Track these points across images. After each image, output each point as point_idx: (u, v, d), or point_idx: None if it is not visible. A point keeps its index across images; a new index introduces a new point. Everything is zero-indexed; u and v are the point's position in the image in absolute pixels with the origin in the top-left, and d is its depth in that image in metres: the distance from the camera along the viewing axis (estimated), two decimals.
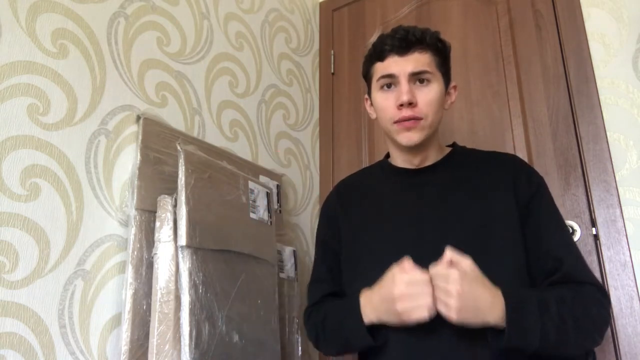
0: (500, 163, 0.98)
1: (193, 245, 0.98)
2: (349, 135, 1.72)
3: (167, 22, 1.24)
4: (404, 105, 0.92)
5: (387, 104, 0.96)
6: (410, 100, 0.92)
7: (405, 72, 0.93)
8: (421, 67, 0.93)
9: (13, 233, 0.84)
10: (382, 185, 1.04)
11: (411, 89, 0.93)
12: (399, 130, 0.95)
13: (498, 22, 1.52)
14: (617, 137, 1.26)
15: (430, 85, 0.94)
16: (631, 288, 1.15)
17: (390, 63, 0.95)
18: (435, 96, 0.94)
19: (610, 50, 1.32)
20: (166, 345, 0.92)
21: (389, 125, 0.96)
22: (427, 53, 0.95)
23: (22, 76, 0.90)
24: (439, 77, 0.96)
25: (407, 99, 0.92)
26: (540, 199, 0.93)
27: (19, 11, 0.91)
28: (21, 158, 0.88)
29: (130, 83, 1.11)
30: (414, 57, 0.94)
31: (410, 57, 0.94)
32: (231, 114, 1.39)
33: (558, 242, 0.89)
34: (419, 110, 0.93)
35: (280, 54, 1.65)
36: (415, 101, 0.93)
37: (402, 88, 0.93)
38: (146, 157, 1.05)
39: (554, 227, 0.91)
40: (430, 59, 0.95)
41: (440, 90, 0.95)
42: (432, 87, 0.94)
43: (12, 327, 0.82)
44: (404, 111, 0.93)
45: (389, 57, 0.95)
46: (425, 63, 0.94)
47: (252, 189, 1.21)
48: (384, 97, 0.97)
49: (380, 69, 0.97)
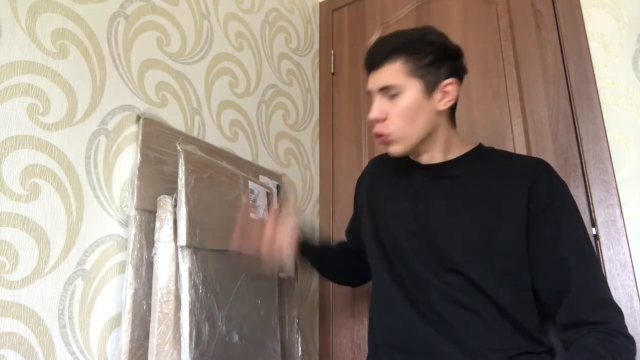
0: (522, 166, 0.95)
1: (193, 245, 0.98)
2: (349, 135, 1.72)
3: (167, 22, 1.24)
4: (372, 122, 0.95)
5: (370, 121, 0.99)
6: (376, 118, 0.94)
7: (376, 87, 0.95)
8: (385, 81, 0.93)
9: (13, 233, 0.84)
10: (399, 173, 1.06)
11: (381, 104, 0.94)
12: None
13: (498, 22, 1.52)
14: (617, 137, 1.26)
15: (399, 97, 0.93)
16: (631, 288, 1.15)
17: (369, 79, 0.98)
18: (403, 107, 0.93)
19: (610, 50, 1.32)
20: (166, 345, 0.92)
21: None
22: (396, 62, 0.93)
23: (22, 76, 0.90)
24: (411, 84, 0.93)
25: (373, 116, 0.94)
26: (561, 207, 0.89)
27: (19, 11, 0.91)
28: (21, 158, 0.88)
29: (130, 83, 1.11)
30: (383, 71, 0.94)
31: (381, 71, 0.95)
32: (231, 114, 1.39)
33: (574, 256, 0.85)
34: (386, 125, 0.94)
35: (280, 54, 1.65)
36: (384, 117, 0.94)
37: (373, 104, 0.95)
38: (146, 157, 1.05)
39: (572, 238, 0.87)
40: (399, 68, 0.93)
41: (412, 99, 0.92)
42: (401, 99, 0.93)
43: (12, 327, 0.82)
44: (376, 127, 0.96)
45: (369, 73, 0.98)
46: (391, 75, 0.93)
47: (252, 189, 1.21)
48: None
49: None
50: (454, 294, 0.88)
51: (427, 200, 0.97)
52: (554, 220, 0.88)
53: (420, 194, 0.99)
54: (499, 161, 0.98)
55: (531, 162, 0.97)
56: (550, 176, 0.93)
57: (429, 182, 0.99)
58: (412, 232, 0.95)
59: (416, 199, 0.99)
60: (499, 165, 0.97)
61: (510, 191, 0.91)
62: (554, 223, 0.88)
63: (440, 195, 0.96)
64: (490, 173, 0.96)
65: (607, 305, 0.82)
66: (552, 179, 0.92)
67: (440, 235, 0.92)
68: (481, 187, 0.94)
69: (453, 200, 0.95)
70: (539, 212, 0.89)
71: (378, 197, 1.07)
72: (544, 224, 0.88)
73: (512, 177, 0.93)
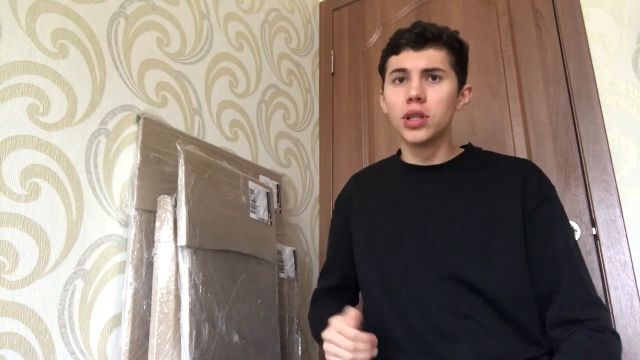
0: (511, 167, 0.97)
1: (193, 245, 0.98)
2: (349, 135, 1.72)
3: (167, 22, 1.24)
4: (412, 99, 0.92)
5: (397, 99, 0.95)
6: (418, 96, 0.91)
7: (418, 67, 0.92)
8: (434, 63, 0.93)
9: (13, 233, 0.84)
10: (392, 180, 1.05)
11: (422, 84, 0.92)
12: (405, 127, 0.94)
13: (498, 22, 1.52)
14: (617, 137, 1.26)
15: (441, 82, 0.93)
16: (631, 288, 1.15)
17: (404, 57, 0.95)
18: (445, 94, 0.93)
19: (610, 50, 1.32)
20: (166, 345, 0.92)
21: (397, 120, 0.96)
22: (442, 51, 0.94)
23: (22, 76, 0.90)
24: (452, 75, 0.95)
25: (416, 94, 0.91)
26: (550, 207, 0.91)
27: (19, 11, 0.91)
28: (21, 158, 0.88)
29: (130, 83, 1.11)
30: (428, 53, 0.93)
31: (425, 52, 0.93)
32: (231, 114, 1.39)
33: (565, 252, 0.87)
34: (427, 107, 0.92)
35: (280, 54, 1.65)
36: (425, 97, 0.92)
37: (412, 83, 0.92)
38: (146, 157, 1.05)
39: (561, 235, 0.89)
40: (444, 56, 0.94)
41: (452, 89, 0.95)
42: (443, 85, 0.93)
43: (12, 327, 0.82)
44: (412, 105, 0.92)
45: (404, 51, 0.95)
46: (439, 60, 0.93)
47: (252, 189, 1.21)
48: (395, 91, 0.96)
49: (394, 62, 0.97)
50: (454, 304, 0.87)
51: (424, 207, 0.96)
52: (544, 221, 0.90)
53: (416, 201, 0.98)
54: (489, 163, 0.99)
55: (520, 163, 0.99)
56: (539, 177, 0.95)
57: (424, 189, 0.99)
58: (410, 240, 0.94)
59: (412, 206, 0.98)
60: (491, 168, 0.98)
61: (504, 193, 0.93)
62: (544, 223, 0.90)
63: (437, 201, 0.96)
64: (483, 176, 0.96)
65: (594, 304, 0.84)
66: (541, 180, 0.94)
67: (440, 242, 0.91)
68: (476, 191, 0.95)
69: (449, 205, 0.94)
70: (531, 212, 0.90)
71: (370, 209, 1.05)
72: (535, 224, 0.90)
73: (505, 179, 0.94)
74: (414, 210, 0.97)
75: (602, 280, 1.19)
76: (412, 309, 0.90)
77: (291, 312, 1.30)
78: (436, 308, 0.88)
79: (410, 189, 1.00)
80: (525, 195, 0.91)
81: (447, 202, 0.95)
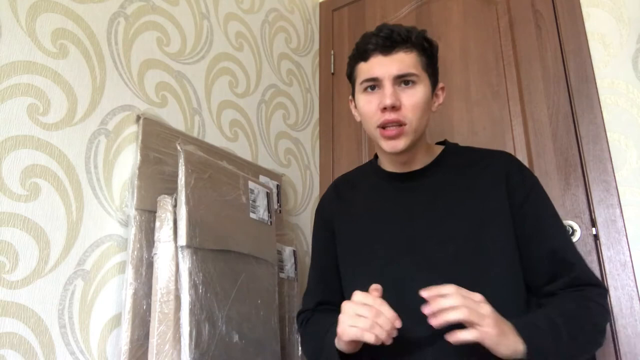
0: (492, 162, 0.95)
1: (193, 245, 0.98)
2: (349, 135, 1.72)
3: (167, 22, 1.24)
4: (387, 108, 0.88)
5: (370, 108, 0.92)
6: (393, 104, 0.87)
7: (390, 74, 0.89)
8: (406, 68, 0.89)
9: (13, 233, 0.84)
10: (374, 187, 1.02)
11: (395, 91, 0.89)
12: (382, 137, 0.91)
13: (498, 22, 1.52)
14: (617, 137, 1.26)
15: (415, 87, 0.90)
16: (631, 288, 1.15)
17: (374, 64, 0.91)
18: (420, 99, 0.90)
19: (610, 50, 1.32)
20: (166, 345, 0.92)
21: (373, 130, 0.93)
22: (412, 53, 0.90)
23: (22, 76, 0.90)
24: (424, 78, 0.92)
25: (391, 102, 0.87)
26: (536, 199, 0.91)
27: (19, 11, 0.91)
28: (21, 158, 0.88)
29: (130, 83, 1.11)
30: (399, 58, 0.89)
31: (395, 57, 0.89)
32: (231, 114, 1.39)
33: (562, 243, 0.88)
34: (403, 114, 0.89)
35: (280, 54, 1.65)
36: (399, 104, 0.88)
37: (385, 91, 0.89)
38: (146, 157, 1.05)
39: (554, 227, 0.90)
40: (415, 59, 0.91)
41: (426, 92, 0.91)
42: (418, 90, 0.90)
43: (12, 327, 0.82)
44: (387, 114, 0.88)
45: (373, 57, 0.91)
46: (411, 64, 0.90)
47: (252, 189, 1.21)
48: (367, 99, 0.92)
49: (364, 70, 0.93)
50: None
51: (410, 214, 0.94)
52: (533, 214, 0.90)
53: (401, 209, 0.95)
54: (469, 161, 0.97)
55: (499, 157, 0.97)
56: (520, 169, 0.94)
57: (408, 195, 0.96)
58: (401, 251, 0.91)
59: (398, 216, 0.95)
60: (472, 167, 0.96)
61: (489, 192, 0.91)
62: (533, 217, 0.89)
63: (422, 207, 0.93)
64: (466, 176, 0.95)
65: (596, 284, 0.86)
66: (523, 173, 0.94)
67: (430, 249, 0.89)
68: (461, 192, 0.93)
69: (436, 211, 0.92)
70: (519, 207, 0.90)
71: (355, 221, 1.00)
72: (524, 219, 0.89)
73: (487, 176, 0.93)
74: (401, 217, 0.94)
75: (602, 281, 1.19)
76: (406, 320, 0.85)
77: (291, 312, 1.30)
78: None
79: (393, 199, 0.97)
80: (510, 192, 0.90)
81: (434, 206, 0.93)
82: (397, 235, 0.93)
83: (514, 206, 0.90)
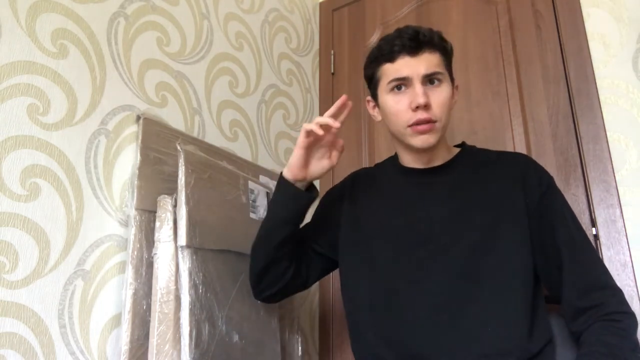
0: (510, 163, 0.98)
1: (193, 245, 0.98)
2: (349, 135, 1.72)
3: (167, 22, 1.24)
4: (419, 107, 0.90)
5: (400, 107, 0.93)
6: (426, 103, 0.90)
7: (419, 73, 0.91)
8: (433, 68, 0.92)
9: (13, 233, 0.84)
10: (393, 182, 1.04)
11: (424, 90, 0.92)
12: (414, 134, 0.93)
13: (498, 22, 1.52)
14: (617, 137, 1.26)
15: (441, 86, 0.93)
16: (631, 288, 1.15)
17: (401, 64, 0.93)
18: (446, 97, 0.93)
19: (610, 50, 1.32)
20: (166, 345, 0.92)
21: (402, 129, 0.94)
22: (436, 53, 0.94)
23: (22, 76, 0.90)
24: (447, 77, 0.95)
25: (424, 101, 0.89)
26: (554, 194, 0.93)
27: (19, 11, 0.91)
28: (21, 158, 0.88)
29: (130, 83, 1.11)
30: (425, 58, 0.92)
31: (422, 57, 0.92)
32: (231, 114, 1.39)
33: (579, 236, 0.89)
34: (433, 112, 0.91)
35: (280, 54, 1.65)
36: (430, 103, 0.91)
37: (416, 90, 0.91)
38: (146, 157, 1.05)
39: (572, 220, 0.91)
40: (439, 59, 0.94)
41: (450, 91, 0.95)
42: (443, 88, 0.93)
43: (12, 327, 0.82)
44: (420, 113, 0.90)
45: (400, 58, 0.93)
46: (436, 64, 0.93)
47: (252, 189, 1.21)
48: (396, 99, 0.94)
49: (390, 70, 0.94)
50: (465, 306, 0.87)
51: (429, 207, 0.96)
52: (547, 214, 0.91)
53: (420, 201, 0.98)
54: (487, 161, 1.00)
55: (516, 158, 1.00)
56: (537, 169, 0.96)
57: (427, 191, 0.98)
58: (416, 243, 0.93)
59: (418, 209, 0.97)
60: (489, 167, 0.98)
61: (506, 192, 0.93)
62: (549, 216, 0.91)
63: (441, 201, 0.96)
64: (484, 175, 0.97)
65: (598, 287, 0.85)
66: (540, 173, 0.96)
67: (446, 242, 0.91)
68: (479, 190, 0.95)
69: (454, 205, 0.94)
70: (535, 207, 0.91)
71: (367, 212, 1.02)
72: (540, 218, 0.91)
73: (505, 177, 0.95)
74: (419, 212, 0.96)
75: None
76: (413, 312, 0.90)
77: (291, 312, 1.30)
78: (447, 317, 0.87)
79: (414, 192, 0.99)
80: (527, 192, 0.92)
81: (451, 203, 0.95)
82: (414, 226, 0.95)
83: (531, 204, 0.91)
